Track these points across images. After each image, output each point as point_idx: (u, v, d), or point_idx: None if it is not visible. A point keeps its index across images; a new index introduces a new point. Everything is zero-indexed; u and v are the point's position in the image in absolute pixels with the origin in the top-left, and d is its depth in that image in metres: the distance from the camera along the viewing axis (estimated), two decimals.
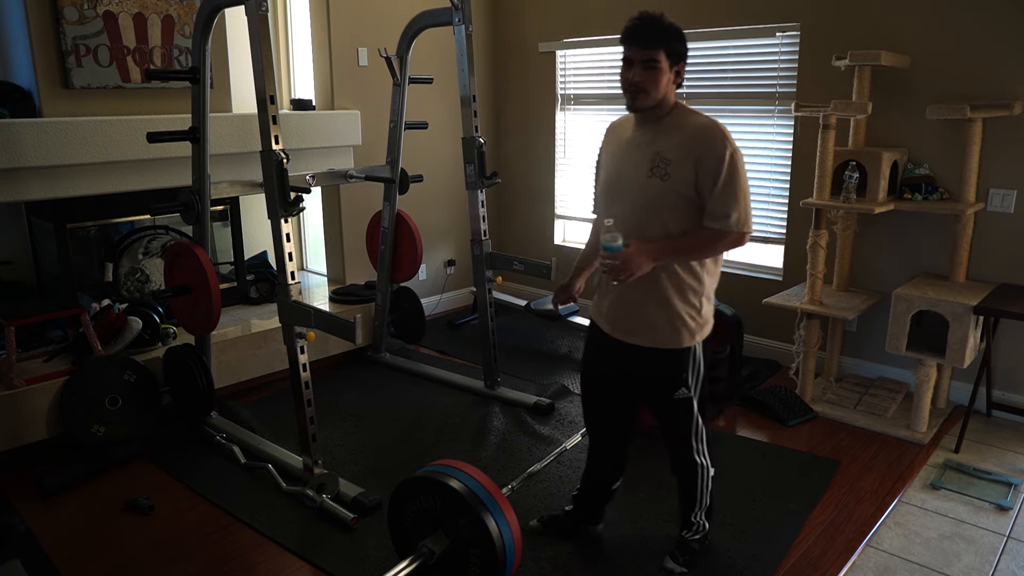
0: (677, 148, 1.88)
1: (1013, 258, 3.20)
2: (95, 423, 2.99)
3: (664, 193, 1.89)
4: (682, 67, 1.89)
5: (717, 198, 1.88)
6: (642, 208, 1.93)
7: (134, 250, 3.73)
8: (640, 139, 1.96)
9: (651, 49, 1.82)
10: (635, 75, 1.84)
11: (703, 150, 1.85)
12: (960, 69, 3.18)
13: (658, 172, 1.89)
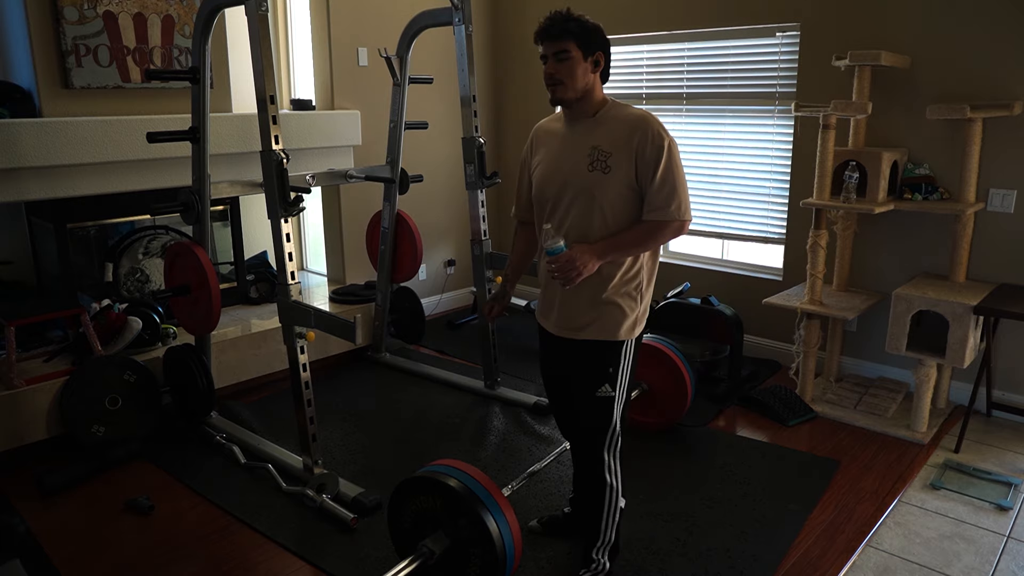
0: (615, 140, 1.88)
1: (1013, 258, 3.20)
2: (95, 423, 2.99)
3: (606, 186, 1.88)
4: (601, 57, 1.90)
5: (657, 189, 1.87)
6: (583, 204, 1.91)
7: (134, 250, 3.73)
8: (574, 135, 1.95)
9: (560, 41, 1.85)
10: (549, 67, 1.89)
11: (641, 141, 1.85)
12: (960, 69, 3.18)
13: (599, 165, 1.88)
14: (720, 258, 4.24)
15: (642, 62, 4.27)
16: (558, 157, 1.97)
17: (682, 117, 4.16)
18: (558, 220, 1.96)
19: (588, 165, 1.89)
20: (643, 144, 1.85)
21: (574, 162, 1.92)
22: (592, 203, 1.90)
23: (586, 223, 1.92)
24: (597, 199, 1.89)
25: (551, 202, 1.98)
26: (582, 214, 1.92)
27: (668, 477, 2.81)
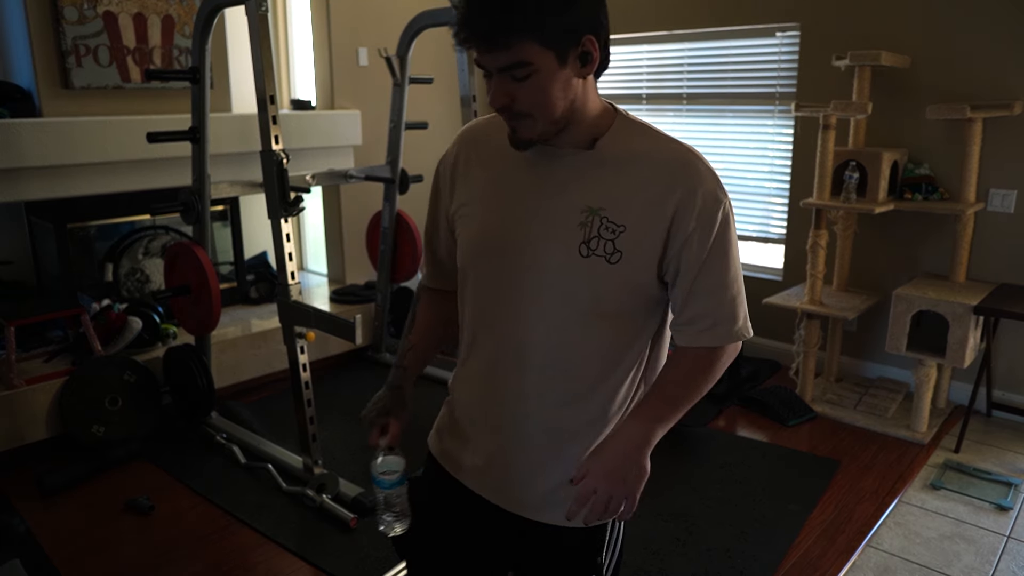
0: (631, 200, 1.03)
1: (1013, 258, 3.20)
2: (95, 423, 2.99)
3: (611, 285, 1.04)
4: (591, 45, 1.02)
5: (715, 290, 1.07)
6: (566, 313, 1.06)
7: (134, 250, 3.73)
8: (551, 173, 1.07)
9: (505, 46, 0.96)
10: (499, 95, 1.00)
11: (684, 208, 1.02)
12: (960, 69, 3.18)
13: (601, 247, 1.02)
14: None
15: (642, 62, 4.27)
16: (514, 209, 1.08)
17: (682, 117, 4.16)
18: (505, 336, 1.10)
19: (582, 242, 1.03)
20: (688, 214, 1.02)
21: (549, 230, 1.05)
22: (583, 313, 1.06)
23: (568, 352, 1.08)
24: (593, 306, 1.06)
25: (492, 293, 1.11)
26: (563, 332, 1.07)
27: (668, 477, 2.81)
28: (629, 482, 1.06)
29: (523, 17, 0.94)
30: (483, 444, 1.17)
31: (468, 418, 1.20)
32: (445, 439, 1.25)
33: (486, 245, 1.10)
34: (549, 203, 1.06)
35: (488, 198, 1.11)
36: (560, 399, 1.10)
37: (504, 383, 1.12)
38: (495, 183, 1.11)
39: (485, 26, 0.96)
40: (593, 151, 1.06)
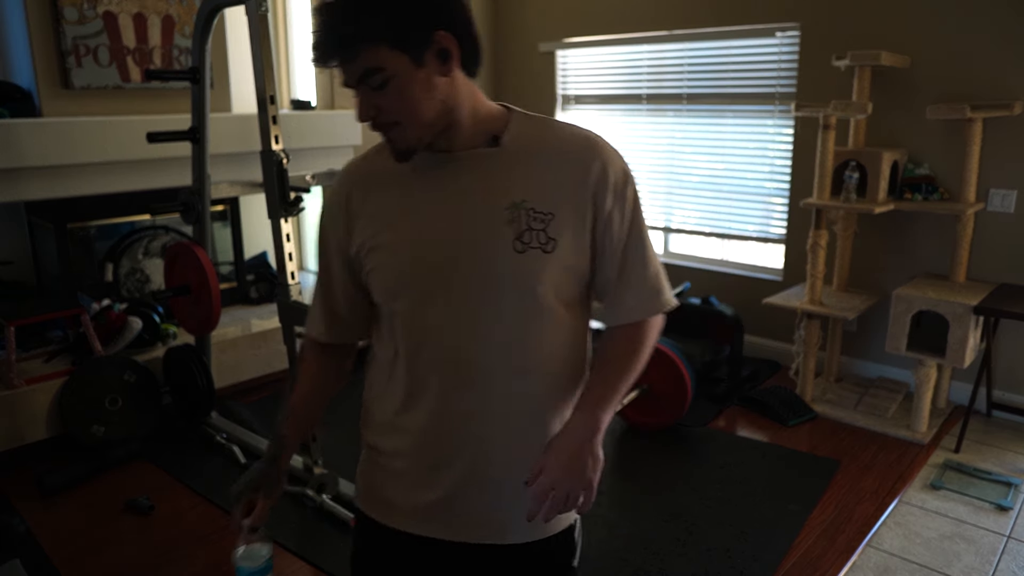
0: (552, 188, 1.03)
1: (1013, 258, 3.20)
2: (95, 423, 2.99)
3: (554, 274, 1.03)
4: (446, 40, 0.96)
5: (640, 264, 1.09)
6: (512, 312, 1.03)
7: (134, 250, 3.73)
8: (457, 179, 1.04)
9: (357, 54, 0.94)
10: (364, 108, 0.98)
11: (601, 184, 1.04)
12: (960, 69, 3.18)
13: (535, 238, 1.01)
14: (720, 258, 4.24)
15: (642, 62, 4.27)
16: (435, 224, 1.04)
17: (682, 117, 4.16)
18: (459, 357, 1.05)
19: (515, 240, 1.01)
20: (605, 192, 1.04)
21: (479, 233, 1.02)
22: (533, 311, 1.04)
23: (515, 350, 1.05)
24: (537, 302, 1.03)
25: (435, 315, 1.05)
26: (510, 331, 1.04)
27: (668, 477, 2.81)
28: (586, 473, 1.01)
29: (367, 24, 0.93)
30: (443, 482, 1.08)
31: (419, 464, 1.09)
32: (384, 492, 1.14)
33: (415, 269, 1.04)
34: (469, 208, 1.02)
35: (401, 222, 1.05)
36: (527, 406, 1.07)
37: (462, 407, 1.06)
38: (403, 205, 1.05)
39: (332, 40, 0.94)
40: (499, 148, 1.04)
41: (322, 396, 1.23)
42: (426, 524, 1.11)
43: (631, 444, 3.08)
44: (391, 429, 1.11)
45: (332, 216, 1.12)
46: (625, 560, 2.31)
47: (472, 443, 1.07)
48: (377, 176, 1.09)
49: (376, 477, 1.15)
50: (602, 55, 4.45)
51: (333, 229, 1.12)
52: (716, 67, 3.96)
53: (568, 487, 0.99)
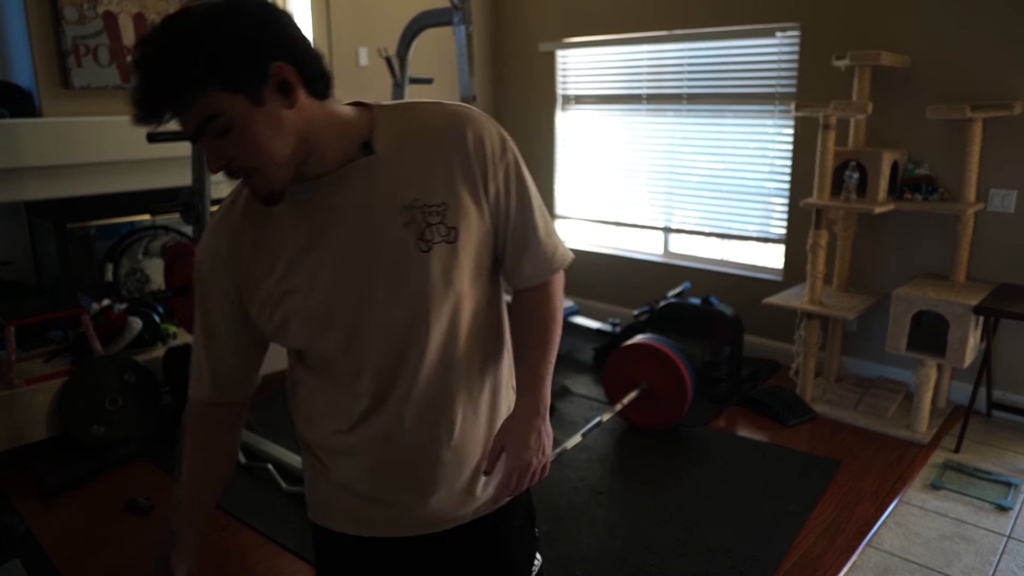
0: (436, 176, 1.01)
1: (1013, 258, 3.20)
2: (95, 423, 2.99)
3: (466, 261, 1.03)
4: (288, 72, 0.91)
5: (533, 227, 1.09)
6: (439, 311, 1.03)
7: (134, 250, 3.73)
8: (348, 199, 1.00)
9: (187, 103, 0.88)
10: (214, 158, 0.92)
11: (479, 155, 1.02)
12: (960, 69, 3.18)
13: (436, 233, 1.00)
14: (720, 258, 4.24)
15: (642, 62, 4.27)
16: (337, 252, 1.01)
17: (682, 117, 4.16)
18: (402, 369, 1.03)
19: (419, 241, 1.00)
20: (486, 161, 1.03)
21: (384, 245, 1.00)
22: (456, 304, 1.04)
23: (455, 344, 1.06)
24: (458, 293, 1.04)
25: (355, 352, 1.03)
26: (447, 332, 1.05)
27: (668, 477, 2.81)
28: (542, 448, 1.09)
29: (194, 69, 0.86)
30: (401, 483, 1.09)
31: (373, 471, 1.09)
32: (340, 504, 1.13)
33: (335, 303, 1.00)
34: (365, 224, 0.99)
35: (304, 260, 1.00)
36: (465, 392, 1.09)
37: (409, 411, 1.06)
38: (299, 243, 1.00)
39: (157, 91, 0.87)
40: (374, 155, 1.00)
41: (214, 475, 1.16)
42: (390, 526, 1.12)
43: (631, 444, 3.09)
44: (339, 446, 1.09)
45: (213, 273, 1.04)
46: (625, 560, 2.31)
47: (423, 440, 1.08)
48: (258, 222, 1.02)
49: (328, 490, 1.13)
50: (602, 55, 4.45)
51: (216, 286, 1.05)
52: (716, 67, 3.96)
53: (529, 464, 1.08)
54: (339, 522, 1.14)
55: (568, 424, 3.26)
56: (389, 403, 1.05)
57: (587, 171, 4.68)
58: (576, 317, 4.39)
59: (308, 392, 1.11)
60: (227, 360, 1.11)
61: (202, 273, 1.06)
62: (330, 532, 1.15)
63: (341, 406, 1.07)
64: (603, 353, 3.93)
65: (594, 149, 4.60)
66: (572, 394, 3.60)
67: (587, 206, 4.75)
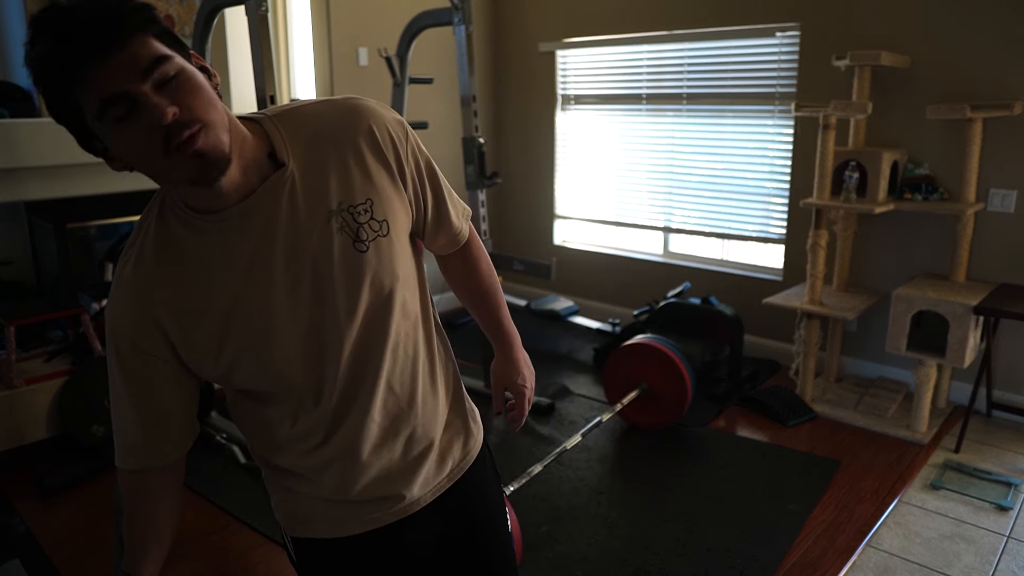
0: (351, 175, 0.98)
1: (1013, 258, 3.20)
2: (95, 423, 2.99)
3: (401, 252, 1.03)
4: (203, 61, 0.90)
5: (444, 198, 1.12)
6: (393, 307, 1.02)
7: None
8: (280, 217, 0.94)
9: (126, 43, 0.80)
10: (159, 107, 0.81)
11: (385, 141, 1.01)
12: (960, 69, 3.18)
13: (369, 230, 0.99)
14: (720, 258, 4.24)
15: (642, 62, 4.27)
16: (282, 279, 0.95)
17: (682, 117, 4.16)
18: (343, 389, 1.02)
19: (355, 243, 0.98)
20: (389, 146, 1.01)
21: (325, 259, 0.96)
22: (402, 292, 1.04)
23: (408, 330, 1.07)
24: (403, 281, 1.04)
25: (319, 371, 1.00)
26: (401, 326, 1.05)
27: (668, 477, 2.81)
28: (530, 372, 1.33)
29: (132, 16, 0.80)
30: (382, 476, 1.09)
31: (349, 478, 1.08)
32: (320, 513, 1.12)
33: (291, 335, 0.96)
34: (301, 240, 0.95)
35: (247, 297, 0.94)
36: (418, 367, 1.10)
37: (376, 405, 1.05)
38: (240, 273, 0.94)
39: (97, 30, 0.78)
40: (284, 168, 0.94)
41: (167, 542, 1.14)
42: (379, 519, 1.11)
43: (631, 444, 3.09)
44: (313, 463, 1.07)
45: (137, 331, 0.95)
46: (625, 560, 2.31)
47: (395, 430, 1.09)
48: (179, 264, 0.94)
49: (308, 505, 1.12)
50: (602, 55, 4.45)
51: (144, 345, 0.95)
52: (716, 67, 3.96)
53: (529, 387, 1.31)
54: (325, 529, 1.12)
55: (568, 424, 3.26)
56: (355, 406, 1.03)
57: (587, 171, 4.68)
58: (576, 317, 4.39)
59: (267, 423, 1.06)
60: (173, 417, 1.01)
61: (120, 335, 0.95)
62: (313, 540, 1.13)
63: (307, 425, 1.03)
64: (603, 353, 3.93)
65: (594, 149, 4.60)
66: (572, 394, 3.60)
67: (587, 206, 4.75)
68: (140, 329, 0.95)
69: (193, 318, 0.94)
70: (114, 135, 0.83)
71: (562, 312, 4.28)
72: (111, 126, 0.81)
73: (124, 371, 0.97)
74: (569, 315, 4.38)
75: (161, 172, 0.86)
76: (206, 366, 0.97)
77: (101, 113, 0.80)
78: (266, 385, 1.00)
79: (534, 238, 5.03)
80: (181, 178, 0.86)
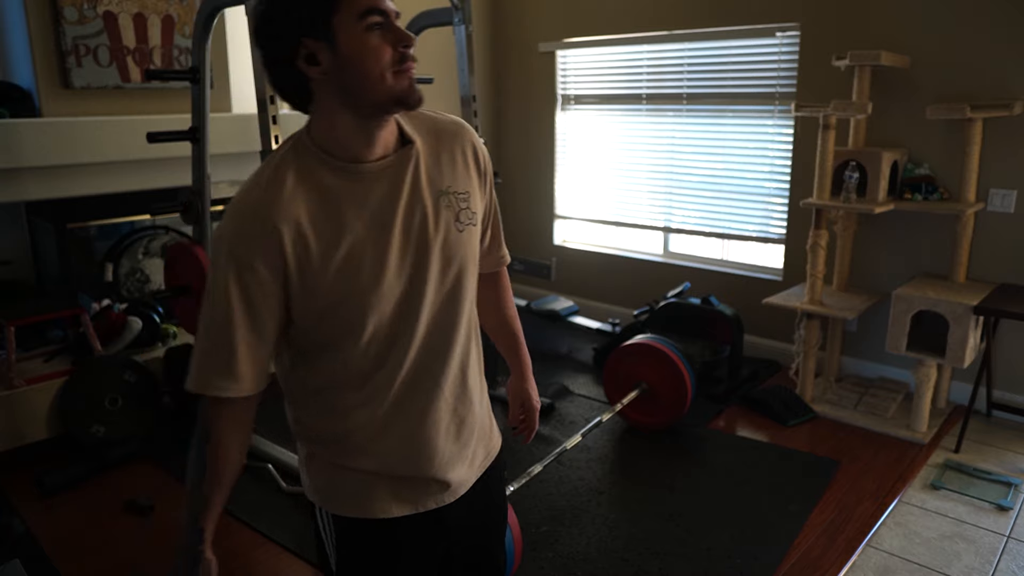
0: (455, 170, 1.14)
1: (1013, 258, 3.20)
2: (95, 423, 2.99)
3: (476, 248, 1.18)
4: None
5: (496, 225, 1.29)
6: (471, 285, 1.17)
7: (134, 250, 3.73)
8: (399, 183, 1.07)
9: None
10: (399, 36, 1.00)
11: (477, 158, 1.18)
12: (960, 69, 3.18)
13: (466, 217, 1.14)
14: (720, 258, 4.24)
15: (642, 62, 4.27)
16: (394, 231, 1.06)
17: (682, 117, 4.16)
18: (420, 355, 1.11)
19: (455, 223, 1.12)
20: (479, 165, 1.18)
21: (432, 226, 1.09)
22: (476, 279, 1.19)
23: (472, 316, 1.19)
24: (477, 268, 1.19)
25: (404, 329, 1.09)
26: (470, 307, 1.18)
27: (668, 477, 2.81)
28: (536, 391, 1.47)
29: None
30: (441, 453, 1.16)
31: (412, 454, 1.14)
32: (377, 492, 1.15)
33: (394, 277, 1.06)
34: (420, 208, 1.08)
35: (371, 236, 1.04)
36: (477, 356, 1.23)
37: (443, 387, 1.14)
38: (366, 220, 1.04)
39: None
40: (413, 145, 1.09)
41: (234, 475, 1.19)
42: (424, 502, 1.17)
43: (631, 444, 3.09)
44: (374, 432, 1.12)
45: (255, 254, 1.00)
46: (625, 560, 2.31)
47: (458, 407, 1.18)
48: (314, 197, 1.02)
49: (353, 482, 1.15)
50: (602, 55, 4.45)
51: (261, 262, 1.00)
52: (716, 67, 3.96)
53: (538, 405, 1.46)
54: (371, 509, 1.15)
55: (568, 424, 3.26)
56: (428, 376, 1.12)
57: (587, 171, 4.68)
58: (576, 317, 4.39)
59: (332, 386, 1.10)
60: (267, 346, 1.07)
61: (236, 253, 1.00)
62: (356, 520, 1.17)
63: (377, 387, 1.09)
64: (603, 353, 3.93)
65: (594, 149, 4.60)
66: (572, 394, 3.60)
67: (587, 206, 4.75)
68: (260, 248, 1.00)
69: (317, 243, 1.01)
70: (358, 37, 0.97)
71: (562, 312, 4.28)
72: (363, 29, 0.97)
73: (236, 292, 1.01)
74: (569, 315, 4.38)
75: (375, 84, 0.99)
76: (309, 297, 1.03)
77: (364, 15, 0.96)
78: (352, 335, 1.06)
79: (534, 238, 5.03)
80: (392, 94, 1.00)
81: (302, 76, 1.00)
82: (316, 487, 1.19)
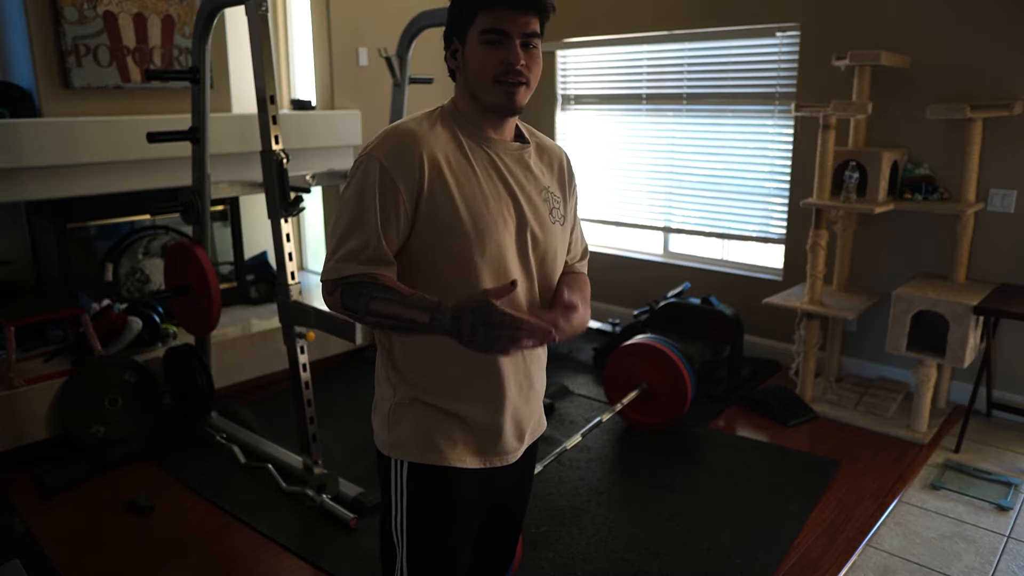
0: (553, 177, 1.38)
1: (1013, 258, 3.20)
2: (95, 423, 2.99)
3: (566, 242, 1.40)
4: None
5: (577, 235, 1.49)
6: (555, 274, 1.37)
7: (134, 250, 3.73)
8: (521, 167, 1.32)
9: (535, 15, 1.21)
10: (520, 56, 1.20)
11: (570, 174, 1.42)
12: (960, 69, 3.18)
13: (558, 215, 1.35)
14: (720, 258, 4.24)
15: (642, 62, 4.27)
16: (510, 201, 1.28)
17: (682, 117, 4.16)
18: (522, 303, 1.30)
19: (550, 214, 1.33)
20: (570, 180, 1.42)
21: (535, 211, 1.31)
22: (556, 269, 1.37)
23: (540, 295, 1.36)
24: (558, 263, 1.38)
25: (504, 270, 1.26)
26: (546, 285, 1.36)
27: (668, 477, 2.81)
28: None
29: (546, 4, 1.21)
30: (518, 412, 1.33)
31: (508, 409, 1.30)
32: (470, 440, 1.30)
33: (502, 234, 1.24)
34: (528, 191, 1.30)
35: (492, 195, 1.25)
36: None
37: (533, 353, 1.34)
38: (492, 183, 1.26)
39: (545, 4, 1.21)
40: (529, 144, 1.34)
41: None
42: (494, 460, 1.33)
43: (631, 444, 3.09)
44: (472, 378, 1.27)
45: (401, 167, 1.19)
46: (625, 560, 2.31)
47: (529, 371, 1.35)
48: (459, 149, 1.25)
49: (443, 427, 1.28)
50: (602, 55, 4.45)
51: (402, 182, 1.19)
52: (716, 67, 3.96)
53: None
54: (450, 457, 1.28)
55: (568, 424, 3.26)
56: None
57: (587, 171, 4.68)
58: None
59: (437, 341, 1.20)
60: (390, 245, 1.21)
61: (385, 162, 1.19)
62: (431, 469, 1.28)
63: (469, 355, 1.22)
64: (603, 353, 3.93)
65: (594, 149, 4.60)
66: (572, 394, 3.60)
67: (587, 206, 4.75)
68: (404, 168, 1.19)
69: (450, 176, 1.21)
70: (478, 49, 1.21)
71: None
72: (480, 42, 1.20)
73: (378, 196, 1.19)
74: None
75: (481, 86, 1.22)
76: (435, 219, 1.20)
77: (485, 32, 1.19)
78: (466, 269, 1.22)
79: None
80: (490, 100, 1.23)
81: (450, 62, 1.28)
82: (399, 438, 1.29)
